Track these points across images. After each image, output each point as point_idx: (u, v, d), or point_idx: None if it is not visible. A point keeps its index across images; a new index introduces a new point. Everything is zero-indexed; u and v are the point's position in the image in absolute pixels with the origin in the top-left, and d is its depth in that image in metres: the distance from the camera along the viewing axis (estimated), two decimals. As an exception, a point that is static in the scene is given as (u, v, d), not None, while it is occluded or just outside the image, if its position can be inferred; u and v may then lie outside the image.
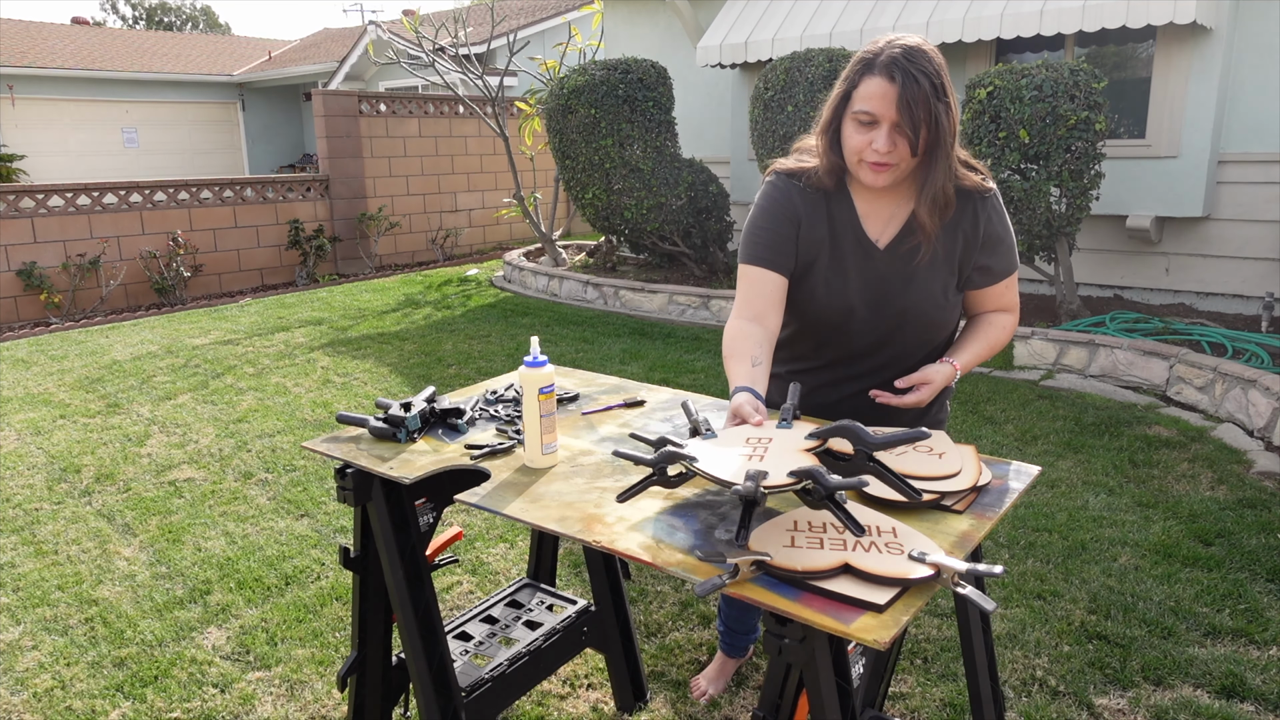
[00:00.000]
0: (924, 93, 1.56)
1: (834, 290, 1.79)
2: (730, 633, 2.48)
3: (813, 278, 1.80)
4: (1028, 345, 5.46)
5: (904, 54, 1.58)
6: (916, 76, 1.57)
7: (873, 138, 1.62)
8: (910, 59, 1.58)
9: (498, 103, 9.16)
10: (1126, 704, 2.39)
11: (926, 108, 1.57)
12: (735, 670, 2.54)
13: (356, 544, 1.92)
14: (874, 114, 1.61)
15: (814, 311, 1.82)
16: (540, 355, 1.69)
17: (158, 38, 21.46)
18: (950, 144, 1.63)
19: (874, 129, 1.62)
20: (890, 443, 1.34)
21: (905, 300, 1.77)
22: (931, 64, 1.59)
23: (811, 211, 1.78)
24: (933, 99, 1.57)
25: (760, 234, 1.79)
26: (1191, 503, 3.53)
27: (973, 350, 1.82)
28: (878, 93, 1.59)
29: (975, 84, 5.59)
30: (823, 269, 1.79)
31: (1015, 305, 1.89)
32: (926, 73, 1.57)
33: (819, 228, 1.78)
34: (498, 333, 6.74)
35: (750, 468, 1.31)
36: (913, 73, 1.57)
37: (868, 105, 1.61)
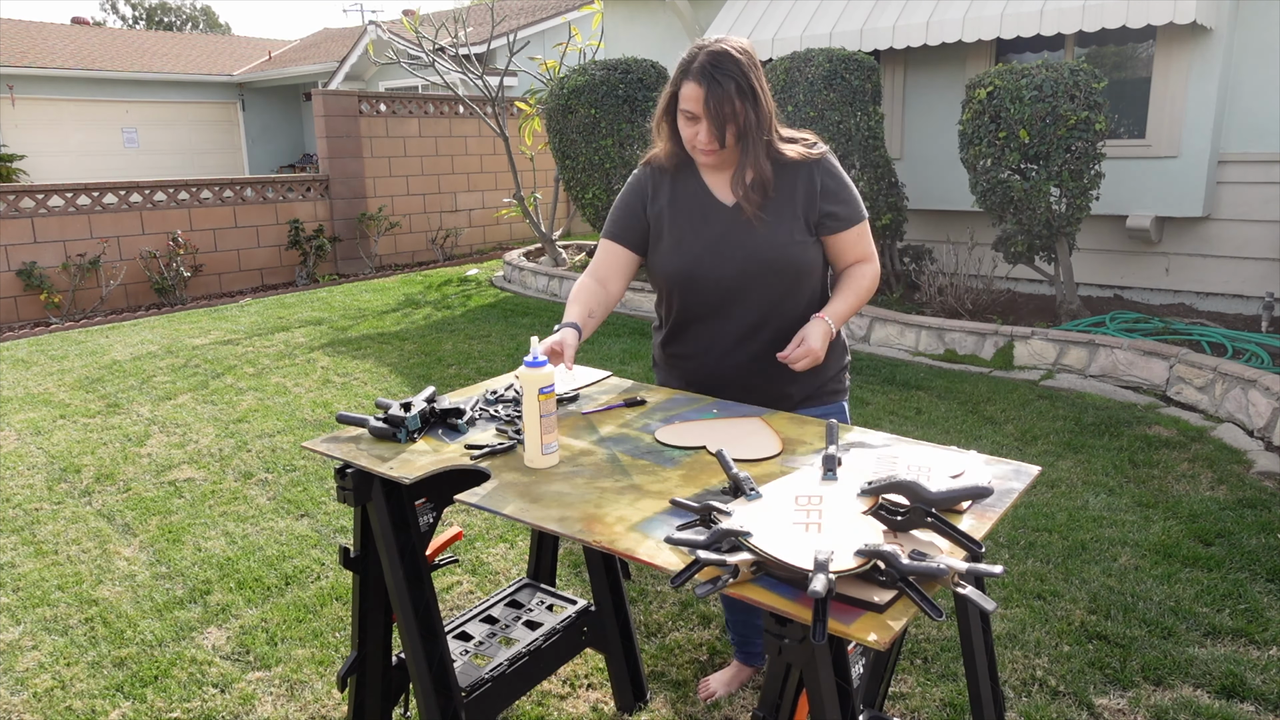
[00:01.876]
0: (728, 94, 1.85)
1: (683, 246, 2.04)
2: (744, 640, 2.48)
3: (664, 240, 2.07)
4: (1028, 345, 5.46)
5: (710, 60, 1.86)
6: (721, 80, 1.84)
7: (697, 130, 1.91)
8: (716, 64, 1.85)
9: (498, 103, 9.16)
10: (1126, 704, 2.39)
11: (731, 107, 1.86)
12: (749, 679, 2.52)
13: (356, 544, 1.92)
14: (693, 111, 1.89)
15: (671, 268, 2.05)
16: (540, 355, 1.68)
17: (158, 38, 21.46)
18: (758, 134, 1.90)
19: (697, 123, 1.91)
20: (950, 499, 1.31)
21: (752, 244, 1.98)
22: (737, 67, 1.85)
23: (657, 188, 2.09)
24: (736, 99, 1.85)
25: (614, 213, 2.12)
26: (1191, 503, 3.53)
27: (842, 301, 2.03)
28: (692, 95, 1.88)
29: (975, 84, 5.59)
30: (669, 230, 2.06)
31: (873, 255, 2.10)
32: (731, 75, 1.84)
33: (661, 199, 2.07)
34: (498, 333, 6.74)
35: (813, 544, 1.25)
36: (717, 77, 1.84)
37: (687, 105, 1.90)
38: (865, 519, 1.32)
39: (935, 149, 7.02)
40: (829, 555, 1.18)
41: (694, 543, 1.28)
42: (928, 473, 1.53)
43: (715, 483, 1.58)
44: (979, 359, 5.62)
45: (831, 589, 1.14)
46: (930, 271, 6.42)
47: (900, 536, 1.32)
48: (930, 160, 7.06)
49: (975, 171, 5.67)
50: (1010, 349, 5.54)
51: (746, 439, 1.78)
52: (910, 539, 1.31)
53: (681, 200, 2.05)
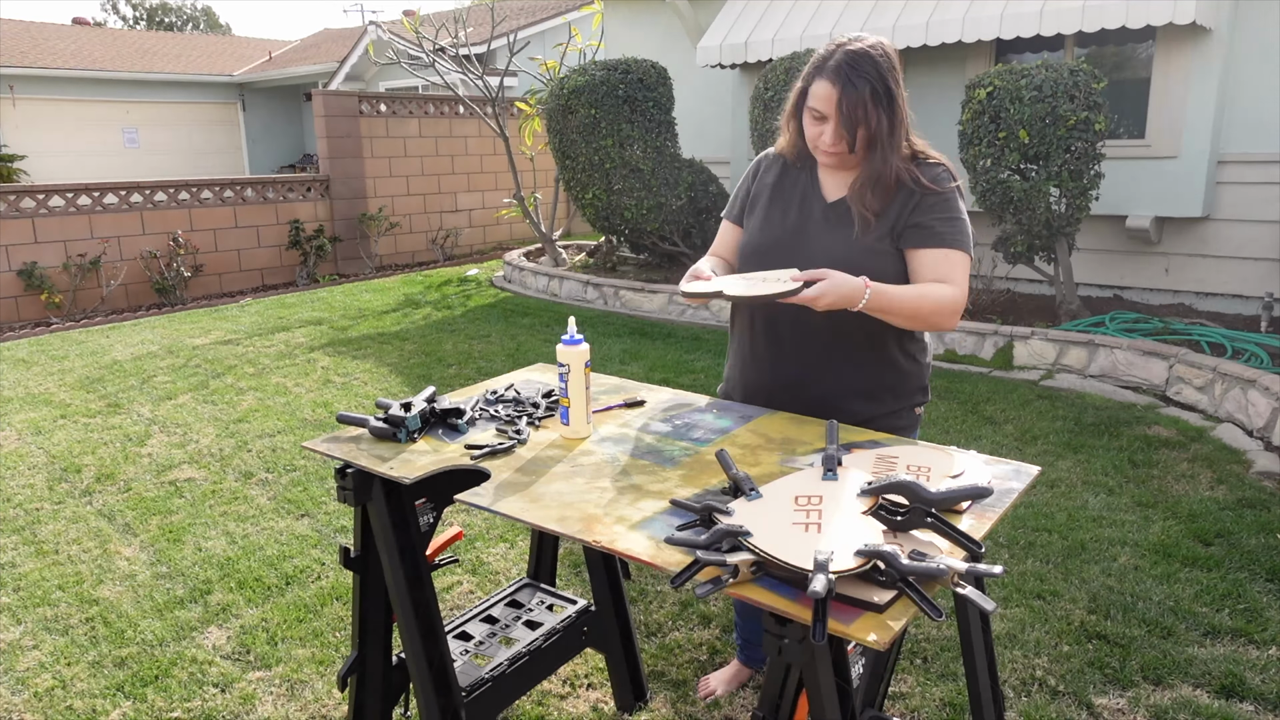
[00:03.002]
0: (862, 98, 1.76)
1: (767, 225, 2.01)
2: (749, 645, 2.48)
3: (754, 216, 2.05)
4: (1028, 345, 5.46)
5: (848, 60, 1.77)
6: (856, 82, 1.76)
7: (823, 130, 1.84)
8: (854, 65, 1.77)
9: (498, 103, 9.16)
10: (1126, 704, 2.39)
11: (863, 112, 1.77)
12: (749, 679, 2.53)
13: (357, 544, 1.92)
14: (822, 112, 1.82)
15: (747, 243, 2.03)
16: (577, 334, 1.83)
17: (158, 38, 21.47)
18: (890, 142, 1.81)
19: (824, 123, 1.84)
20: (950, 499, 1.32)
21: (830, 240, 1.91)
22: (876, 68, 1.77)
23: (768, 169, 2.07)
24: (870, 103, 1.77)
25: (735, 196, 2.14)
26: (1191, 503, 3.53)
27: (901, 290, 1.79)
28: (823, 94, 1.80)
29: (975, 84, 5.59)
30: (762, 207, 2.04)
31: (960, 281, 1.84)
32: (868, 77, 1.76)
33: (768, 178, 2.06)
34: (498, 333, 6.74)
35: (813, 544, 1.24)
36: (853, 79, 1.76)
37: (817, 104, 1.83)
38: (865, 519, 1.32)
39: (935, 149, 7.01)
40: (829, 555, 1.18)
41: (694, 543, 1.28)
42: (927, 473, 1.53)
43: (715, 483, 1.58)
44: (979, 359, 5.62)
45: (831, 589, 1.14)
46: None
47: (900, 536, 1.32)
48: (930, 160, 7.06)
49: (975, 172, 5.67)
50: (1010, 349, 5.54)
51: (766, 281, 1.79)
52: (910, 539, 1.31)
53: (786, 185, 2.01)
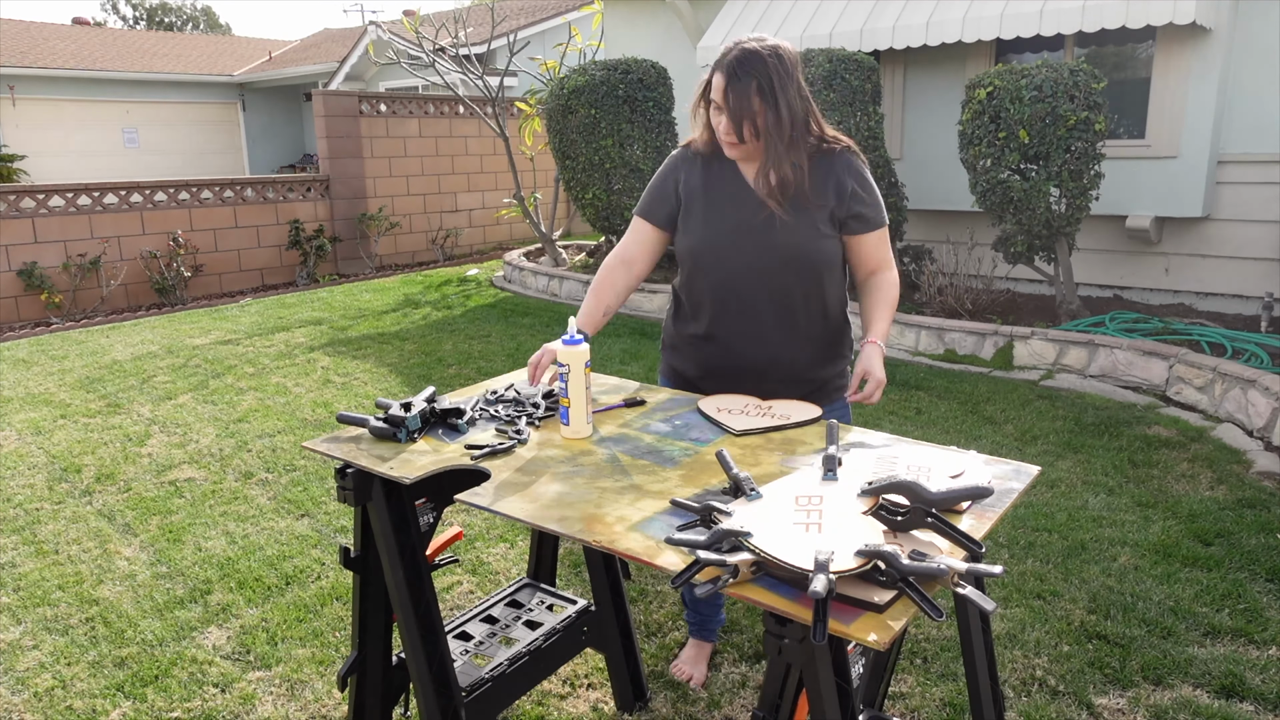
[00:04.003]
0: (747, 91, 1.90)
1: (711, 224, 2.09)
2: (702, 619, 2.57)
3: (693, 217, 2.12)
4: (1028, 345, 5.46)
5: (739, 56, 1.91)
6: (743, 77, 1.90)
7: (720, 120, 1.98)
8: (742, 61, 1.90)
9: (498, 103, 9.16)
10: (1126, 704, 2.39)
11: (748, 104, 1.91)
12: (711, 653, 2.64)
13: (357, 544, 1.92)
14: (718, 102, 1.96)
15: (698, 244, 2.10)
16: (577, 334, 1.83)
17: (158, 38, 21.46)
18: (779, 132, 1.93)
19: (721, 114, 1.97)
20: (950, 499, 1.32)
21: (775, 236, 2.03)
22: (764, 66, 1.89)
23: (691, 168, 2.14)
24: (755, 97, 1.90)
25: (647, 192, 2.20)
26: (1191, 503, 3.53)
27: (882, 319, 2.09)
28: (717, 85, 1.96)
29: (975, 84, 5.59)
30: (700, 207, 2.11)
31: (891, 261, 2.15)
32: (754, 73, 1.90)
33: (695, 178, 2.13)
34: (498, 333, 6.74)
35: (813, 544, 1.25)
36: (739, 74, 1.90)
37: (714, 95, 1.97)
38: (865, 519, 1.32)
39: (935, 149, 7.02)
40: (829, 555, 1.18)
41: (694, 543, 1.28)
42: (928, 473, 1.53)
43: (715, 483, 1.58)
44: (979, 359, 5.63)
45: (832, 589, 1.14)
46: (930, 271, 6.42)
47: (900, 536, 1.32)
48: (930, 160, 7.07)
49: (975, 171, 5.67)
50: (1010, 349, 5.54)
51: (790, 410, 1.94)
52: (910, 539, 1.31)
53: (716, 181, 2.10)
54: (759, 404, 1.99)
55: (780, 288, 2.06)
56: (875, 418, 4.55)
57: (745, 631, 2.79)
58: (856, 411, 4.64)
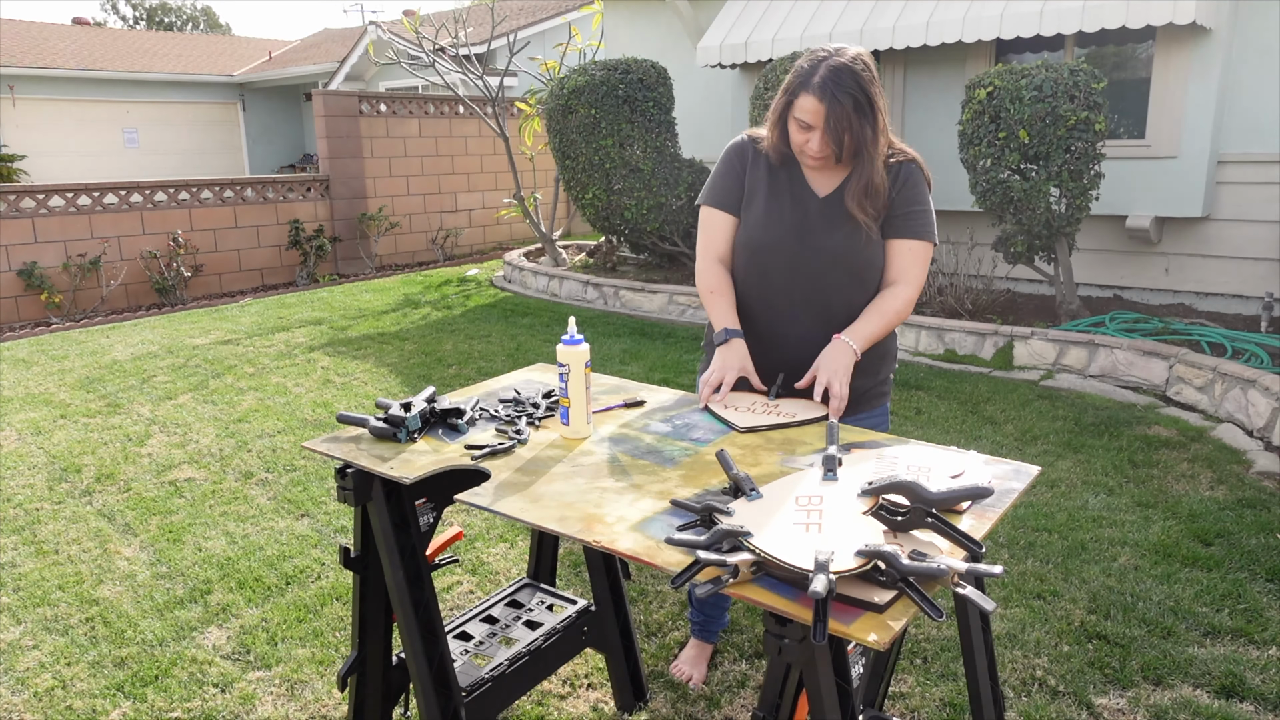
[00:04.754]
0: (846, 112, 1.87)
1: (773, 219, 2.07)
2: (706, 620, 2.57)
3: (755, 209, 2.10)
4: (1028, 345, 5.46)
5: (832, 75, 1.87)
6: (840, 98, 1.87)
7: (809, 138, 1.95)
8: (837, 81, 1.87)
9: (498, 103, 9.16)
10: (1126, 704, 2.39)
11: (848, 124, 1.88)
12: (712, 654, 2.64)
13: (357, 544, 1.92)
14: (809, 123, 1.92)
15: (758, 239, 2.09)
16: (577, 334, 1.83)
17: (158, 38, 21.46)
18: (873, 150, 1.94)
19: (810, 132, 1.94)
20: (950, 499, 1.32)
21: (835, 237, 2.03)
22: (857, 81, 1.87)
23: (756, 159, 2.12)
24: (854, 116, 1.88)
25: (715, 180, 2.16)
26: (1191, 503, 3.53)
27: (866, 322, 2.02)
28: (810, 108, 1.91)
29: (975, 84, 5.59)
30: (765, 201, 2.09)
31: (914, 279, 2.07)
32: (851, 92, 1.87)
33: (760, 169, 2.11)
34: (498, 333, 6.74)
35: (813, 544, 1.25)
36: (838, 96, 1.87)
37: (804, 116, 1.93)
38: (865, 519, 1.32)
39: (935, 149, 7.01)
40: (829, 555, 1.18)
41: (694, 543, 1.28)
42: (928, 473, 1.53)
43: (715, 483, 1.58)
44: (979, 359, 5.62)
45: (832, 589, 1.14)
46: (930, 271, 6.42)
47: (900, 537, 1.32)
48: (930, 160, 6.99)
49: (975, 171, 5.67)
50: (1010, 349, 5.54)
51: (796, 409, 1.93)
52: (910, 539, 1.31)
53: (779, 180, 2.09)
54: (766, 402, 1.99)
55: (824, 289, 2.04)
56: (875, 418, 4.54)
57: (745, 631, 2.79)
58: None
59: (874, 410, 2.19)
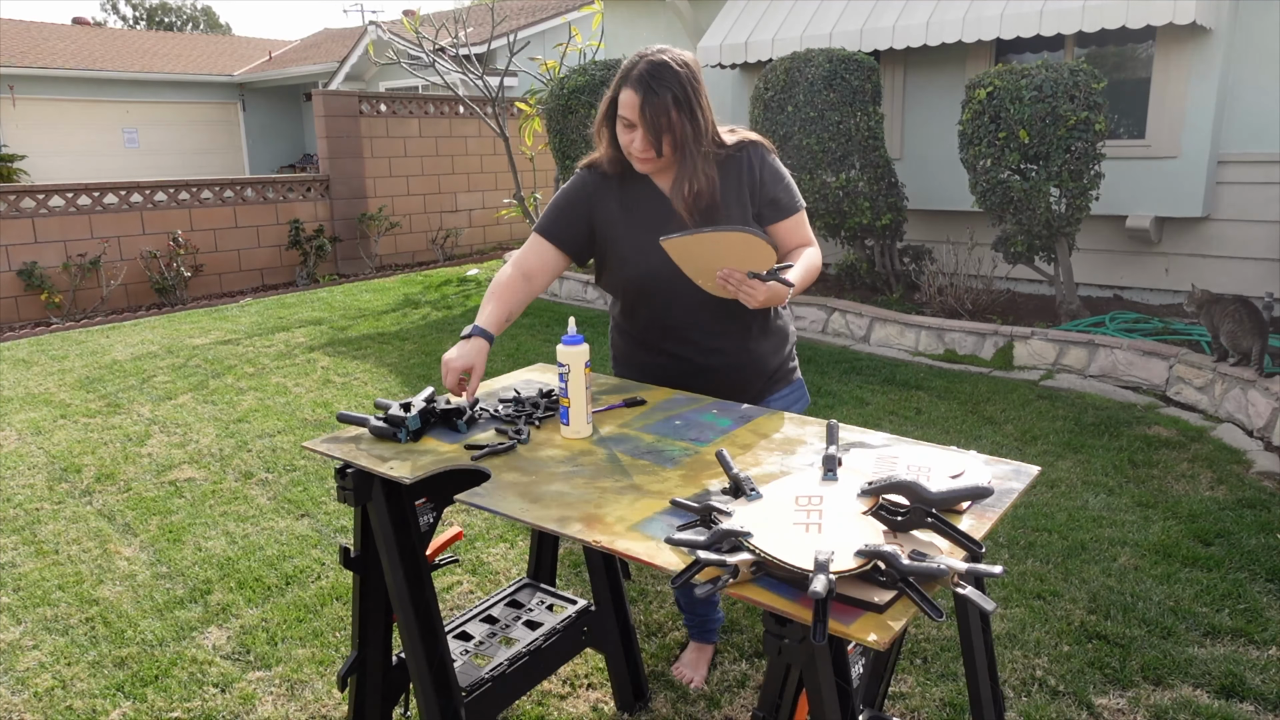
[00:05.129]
0: (664, 104, 1.86)
1: (646, 251, 2.02)
2: (699, 620, 2.56)
3: (622, 247, 2.07)
4: (1028, 345, 5.46)
5: (649, 69, 1.87)
6: (658, 90, 1.86)
7: (633, 137, 1.93)
8: (654, 74, 1.86)
9: (498, 103, 9.16)
10: (1126, 704, 2.39)
11: (667, 118, 1.87)
12: (712, 656, 2.63)
13: (357, 544, 1.92)
14: (630, 119, 1.90)
15: (636, 274, 2.06)
16: (577, 334, 1.82)
17: (158, 38, 21.46)
18: (695, 145, 1.92)
19: (633, 130, 1.92)
20: (950, 499, 1.32)
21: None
22: (676, 77, 1.86)
23: (604, 197, 2.07)
24: (672, 109, 1.86)
25: (553, 211, 2.10)
26: (1191, 503, 3.53)
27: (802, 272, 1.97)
28: (629, 102, 1.89)
29: (975, 84, 5.59)
30: (628, 238, 2.06)
31: (812, 239, 2.11)
32: (668, 85, 1.86)
33: (611, 207, 2.06)
34: (498, 333, 6.74)
35: (813, 544, 1.25)
36: (654, 87, 1.86)
37: (624, 112, 1.91)
38: (865, 519, 1.33)
39: (935, 149, 7.02)
40: (829, 555, 1.18)
41: (694, 543, 1.28)
42: (928, 473, 1.53)
43: (715, 483, 1.58)
44: (979, 359, 5.62)
45: (832, 589, 1.14)
46: (930, 271, 6.42)
47: (900, 536, 1.32)
48: (930, 160, 7.06)
49: (975, 171, 5.67)
50: (1010, 349, 5.54)
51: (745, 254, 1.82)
52: (910, 539, 1.31)
53: (636, 206, 2.06)
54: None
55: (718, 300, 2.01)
56: (875, 418, 4.55)
57: (745, 631, 2.79)
58: (855, 412, 4.64)
59: (789, 387, 2.23)
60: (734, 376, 2.14)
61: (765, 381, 2.18)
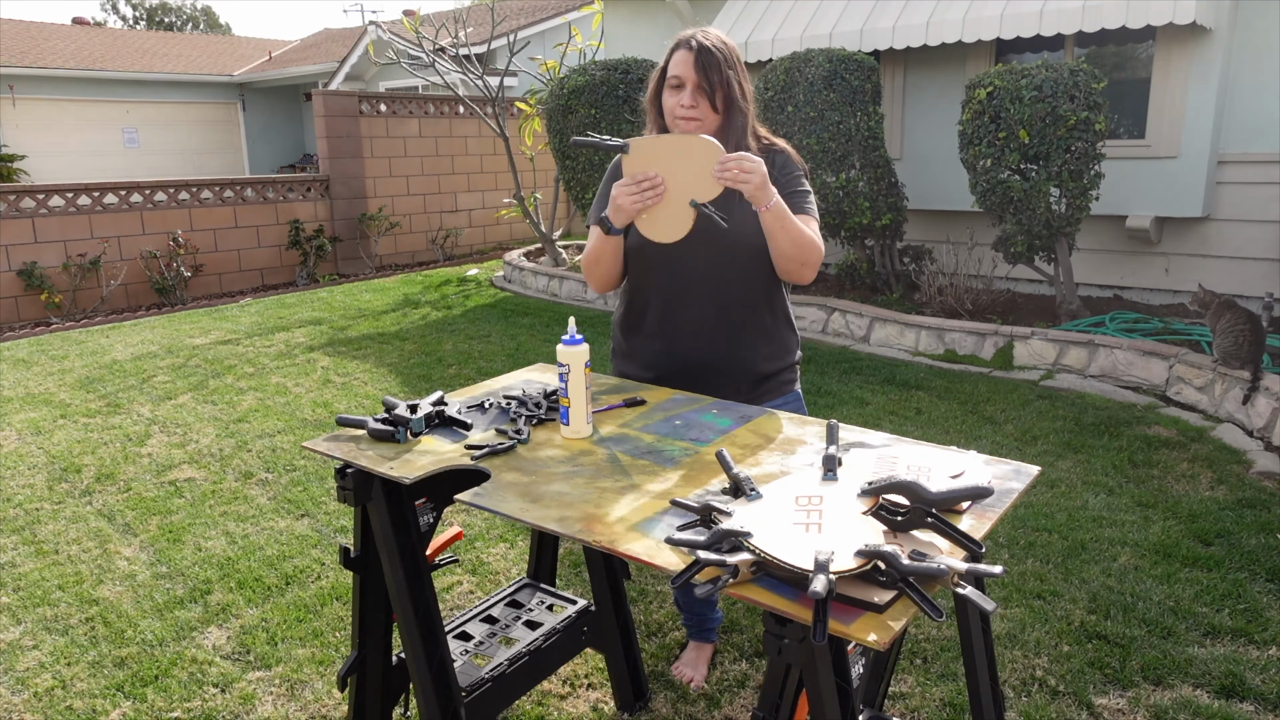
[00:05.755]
0: (717, 60, 1.98)
1: None
2: (698, 620, 2.57)
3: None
4: (1028, 345, 5.46)
5: (701, 34, 2.02)
6: (710, 49, 1.98)
7: (681, 96, 2.01)
8: (706, 37, 2.01)
9: (498, 103, 9.17)
10: (1126, 704, 2.39)
11: (719, 71, 1.98)
12: (712, 654, 2.63)
13: (356, 544, 1.92)
14: (680, 77, 2.00)
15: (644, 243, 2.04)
16: (577, 334, 1.82)
17: (158, 38, 21.46)
18: (745, 105, 2.03)
19: (681, 90, 2.01)
20: (950, 499, 1.32)
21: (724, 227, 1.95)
22: (725, 44, 2.01)
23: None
24: (724, 66, 1.99)
25: (599, 198, 2.14)
26: (1191, 503, 3.53)
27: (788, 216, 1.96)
28: (681, 59, 2.00)
29: (975, 84, 5.59)
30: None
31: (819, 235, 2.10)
32: (718, 48, 1.99)
33: None
34: (498, 333, 6.74)
35: (813, 544, 1.25)
36: (707, 45, 1.99)
37: (675, 70, 2.01)
38: (865, 519, 1.32)
39: (935, 149, 7.02)
40: (829, 555, 1.18)
41: (694, 543, 1.28)
42: (928, 473, 1.53)
43: (715, 483, 1.58)
44: (979, 359, 5.62)
45: (832, 589, 1.14)
46: (930, 271, 6.42)
47: (900, 537, 1.32)
48: (930, 160, 7.07)
49: (975, 171, 5.67)
50: (1010, 349, 5.54)
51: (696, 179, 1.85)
52: (910, 539, 1.31)
53: None
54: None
55: (724, 282, 2.08)
56: (875, 418, 4.55)
57: (745, 631, 2.79)
58: (855, 412, 4.64)
59: (786, 396, 2.23)
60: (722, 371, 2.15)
61: (759, 386, 2.17)
